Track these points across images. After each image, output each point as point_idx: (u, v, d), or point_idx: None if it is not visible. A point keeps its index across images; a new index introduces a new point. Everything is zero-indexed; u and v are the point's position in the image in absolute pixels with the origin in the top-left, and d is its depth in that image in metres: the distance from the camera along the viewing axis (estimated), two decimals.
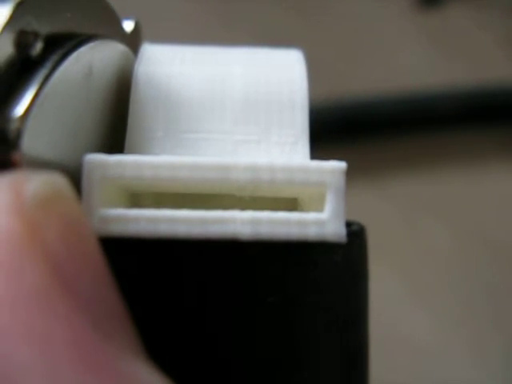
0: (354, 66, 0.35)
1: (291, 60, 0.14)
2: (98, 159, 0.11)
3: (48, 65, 0.11)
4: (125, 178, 0.11)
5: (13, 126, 0.10)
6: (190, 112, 0.13)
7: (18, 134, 0.10)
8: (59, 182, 0.09)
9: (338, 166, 0.11)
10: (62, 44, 0.11)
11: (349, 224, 0.12)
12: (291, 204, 0.13)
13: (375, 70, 0.35)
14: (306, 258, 0.11)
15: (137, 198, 0.13)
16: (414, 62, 0.36)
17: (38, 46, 0.11)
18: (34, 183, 0.09)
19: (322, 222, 0.11)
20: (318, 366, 0.12)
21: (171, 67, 0.13)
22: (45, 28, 0.11)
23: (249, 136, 0.13)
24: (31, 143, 0.10)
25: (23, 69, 0.10)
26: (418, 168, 0.34)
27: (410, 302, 0.30)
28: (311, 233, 0.11)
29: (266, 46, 0.15)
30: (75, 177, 0.10)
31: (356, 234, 0.12)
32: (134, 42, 0.14)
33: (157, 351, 0.11)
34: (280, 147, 0.13)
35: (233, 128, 0.13)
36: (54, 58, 0.11)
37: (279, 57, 0.14)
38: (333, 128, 0.33)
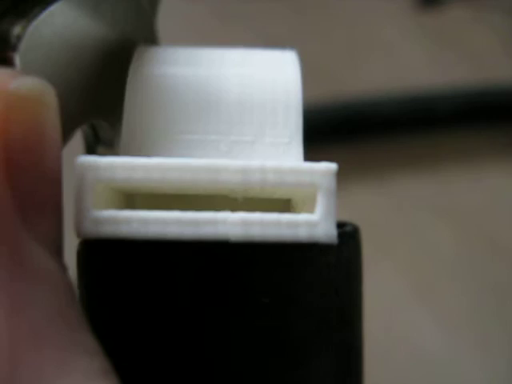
0: (353, 65, 0.35)
1: (285, 61, 0.14)
2: (89, 161, 0.11)
3: None
4: (116, 180, 0.11)
5: (16, 30, 0.12)
6: (185, 113, 0.13)
7: (19, 38, 0.12)
8: (46, 88, 0.10)
9: (328, 167, 0.11)
10: None
11: (342, 224, 0.12)
12: (286, 205, 0.13)
13: (375, 70, 0.35)
14: (298, 259, 0.11)
15: (131, 198, 0.13)
16: (414, 62, 0.36)
17: None
18: (21, 80, 0.10)
19: (312, 223, 0.11)
20: (312, 366, 0.12)
21: (166, 69, 0.13)
22: None
23: (243, 137, 0.13)
24: (29, 51, 0.12)
25: None
26: (418, 168, 0.34)
27: (411, 302, 0.30)
28: (302, 234, 0.11)
29: (264, 47, 0.15)
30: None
31: (349, 234, 0.12)
32: None
33: (150, 350, 0.11)
34: (274, 148, 0.13)
35: (227, 129, 0.13)
36: None
37: (274, 58, 0.14)
38: (333, 128, 0.33)
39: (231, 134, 0.13)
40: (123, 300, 0.11)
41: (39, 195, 0.10)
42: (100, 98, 0.14)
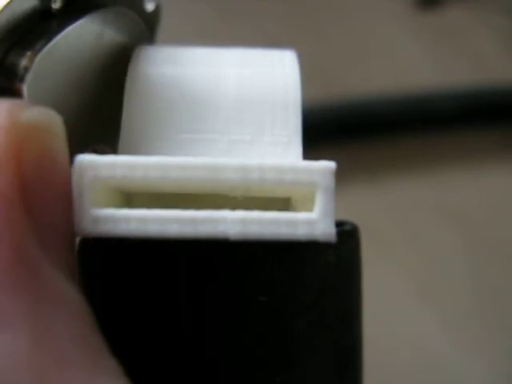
0: (353, 65, 0.35)
1: (284, 61, 0.14)
2: (89, 159, 0.11)
3: (63, 19, 0.13)
4: (116, 179, 0.11)
5: (23, 62, 0.12)
6: (184, 113, 0.13)
7: (26, 69, 0.12)
8: (54, 117, 0.11)
9: (327, 165, 0.11)
10: (80, 4, 0.13)
11: (341, 223, 0.12)
12: (286, 204, 0.13)
13: (375, 70, 0.35)
14: (297, 258, 0.11)
15: (130, 197, 0.13)
16: (414, 62, 0.36)
17: (58, 2, 0.13)
18: (30, 110, 0.10)
19: (311, 221, 0.11)
20: (310, 365, 0.12)
21: (165, 68, 0.14)
22: None
23: (242, 136, 0.13)
24: (35, 81, 0.12)
25: (42, 19, 0.13)
26: (418, 168, 0.34)
27: (411, 301, 0.30)
28: (301, 232, 0.11)
29: (263, 46, 0.15)
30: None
31: (348, 233, 0.12)
32: (152, 21, 0.16)
33: (148, 349, 0.11)
34: (273, 147, 0.13)
35: (226, 128, 0.13)
36: (71, 14, 0.13)
37: (273, 57, 0.14)
38: (333, 128, 0.33)
39: (230, 134, 0.13)
40: (122, 299, 0.11)
41: (54, 220, 0.10)
42: (102, 123, 0.15)
